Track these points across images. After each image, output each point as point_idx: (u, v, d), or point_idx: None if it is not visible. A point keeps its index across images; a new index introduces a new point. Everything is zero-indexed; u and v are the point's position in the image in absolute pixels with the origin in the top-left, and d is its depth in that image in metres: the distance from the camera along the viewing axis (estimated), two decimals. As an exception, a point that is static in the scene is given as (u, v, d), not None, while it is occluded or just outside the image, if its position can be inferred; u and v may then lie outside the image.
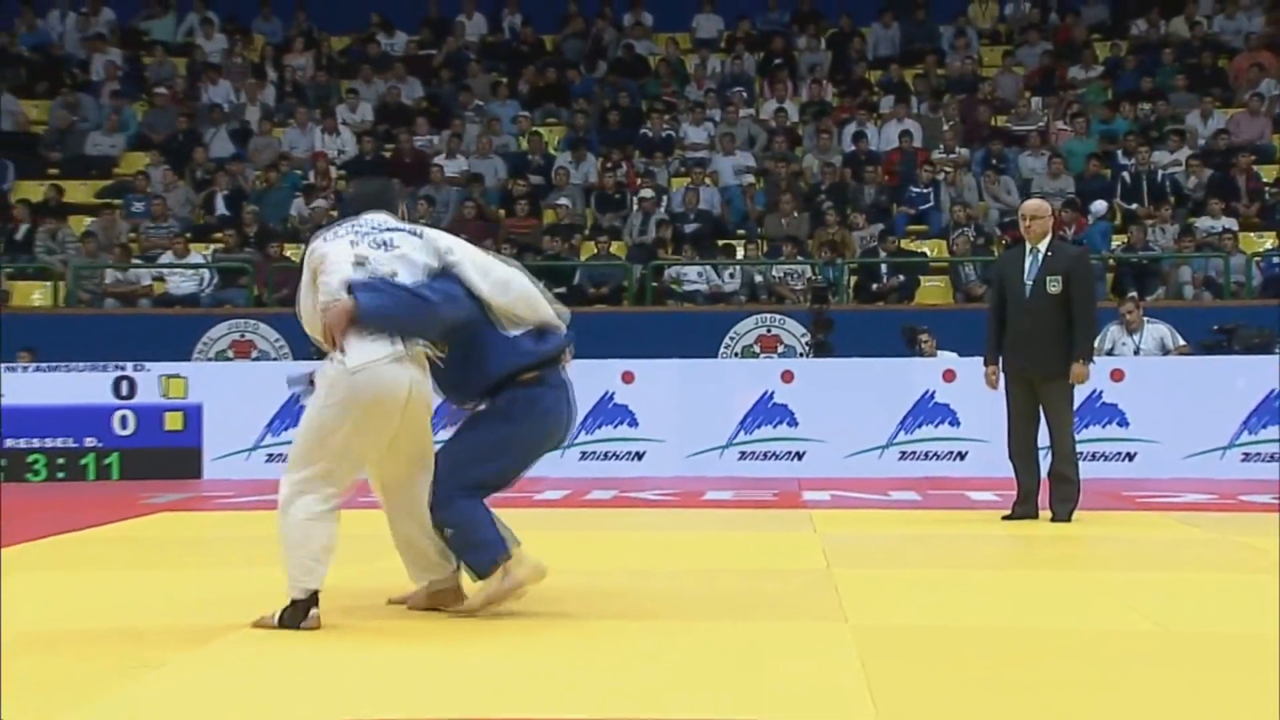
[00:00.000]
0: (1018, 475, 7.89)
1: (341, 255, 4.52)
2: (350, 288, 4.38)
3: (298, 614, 4.43)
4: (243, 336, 13.27)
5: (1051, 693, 3.59)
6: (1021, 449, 7.85)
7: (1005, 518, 7.88)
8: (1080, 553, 6.94)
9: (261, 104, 17.04)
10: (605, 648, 4.19)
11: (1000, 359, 7.85)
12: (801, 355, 12.74)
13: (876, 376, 11.54)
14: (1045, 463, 7.94)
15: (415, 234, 4.68)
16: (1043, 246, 7.83)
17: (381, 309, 4.35)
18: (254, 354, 13.17)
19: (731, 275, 14.26)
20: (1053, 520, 7.75)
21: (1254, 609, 5.08)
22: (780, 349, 13.03)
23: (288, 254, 14.76)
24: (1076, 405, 11.20)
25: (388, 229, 4.64)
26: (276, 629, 4.42)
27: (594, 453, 11.44)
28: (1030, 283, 7.76)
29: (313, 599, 4.46)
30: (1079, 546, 7.18)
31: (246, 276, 14.13)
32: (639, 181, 15.43)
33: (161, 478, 11.18)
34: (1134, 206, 14.79)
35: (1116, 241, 14.53)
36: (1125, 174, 15.08)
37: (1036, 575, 6.10)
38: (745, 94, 16.96)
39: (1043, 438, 7.94)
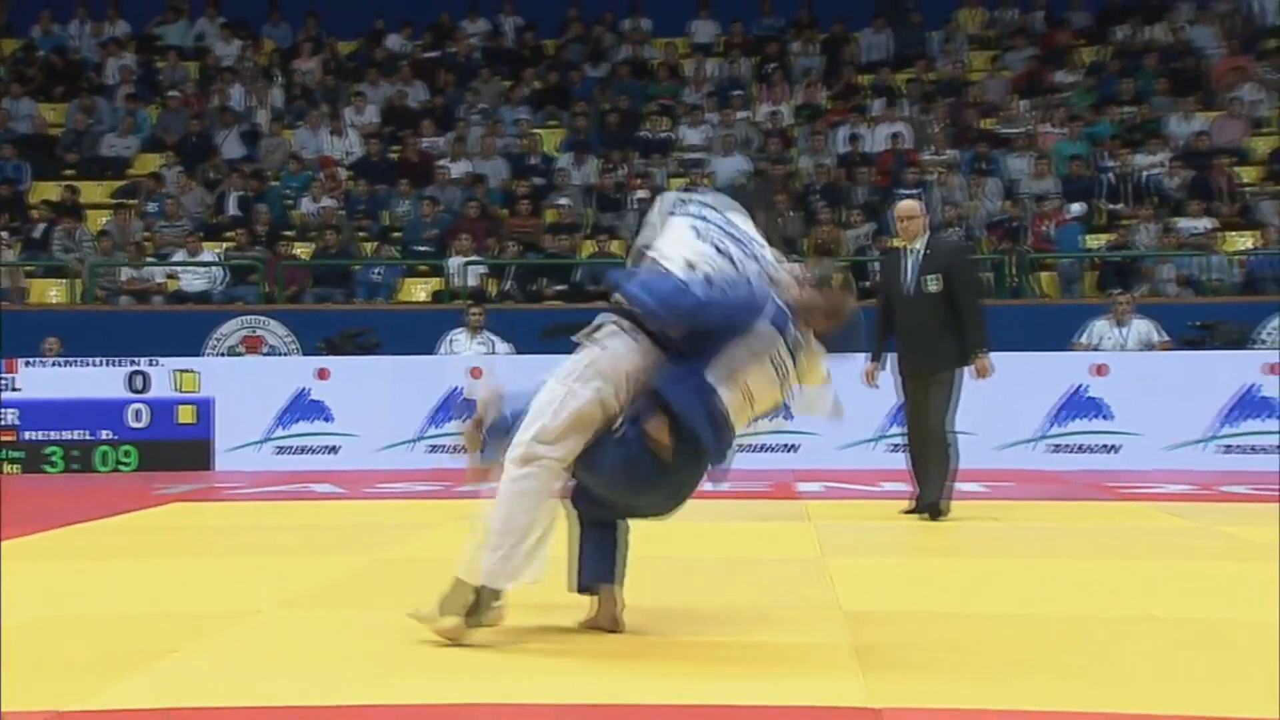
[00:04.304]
0: (916, 471, 7.64)
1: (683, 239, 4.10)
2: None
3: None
4: (253, 332, 13.25)
5: (1040, 675, 3.58)
6: (920, 445, 7.62)
7: (905, 511, 7.60)
8: (1066, 542, 6.93)
9: (271, 107, 17.02)
10: (599, 634, 4.17)
11: (893, 360, 7.68)
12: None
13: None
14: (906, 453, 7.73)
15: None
16: (919, 246, 7.63)
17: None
18: (264, 349, 13.15)
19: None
20: (916, 510, 7.45)
21: (1236, 595, 5.08)
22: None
23: (296, 251, 14.77)
24: (1062, 399, 11.34)
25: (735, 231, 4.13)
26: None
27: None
28: (910, 282, 7.59)
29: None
30: (1065, 536, 7.17)
31: (257, 274, 14.12)
32: (637, 182, 15.42)
33: (174, 469, 11.17)
34: (1118, 206, 14.79)
35: (1102, 240, 14.53)
36: (1109, 175, 15.07)
37: (1024, 563, 6.09)
38: (741, 97, 16.95)
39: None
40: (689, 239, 4.10)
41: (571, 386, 4.01)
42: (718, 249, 4.06)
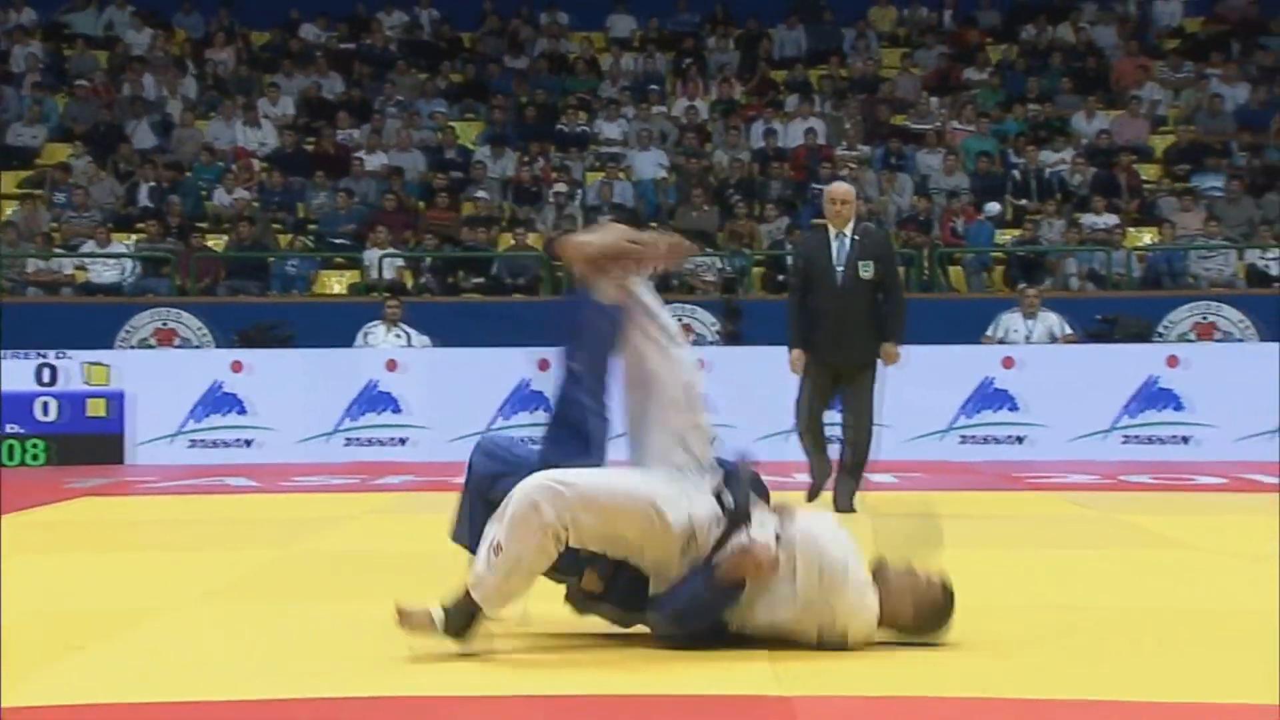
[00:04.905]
0: (812, 459, 7.51)
1: None
2: None
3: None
4: (165, 325, 13.04)
5: (940, 663, 3.65)
6: (816, 430, 7.46)
7: (808, 500, 7.42)
8: (972, 531, 7.05)
9: (183, 97, 16.75)
10: (510, 630, 4.17)
11: (805, 344, 7.39)
12: (712, 344, 12.80)
13: (784, 364, 11.59)
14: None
15: None
16: (849, 231, 7.37)
17: None
18: (176, 342, 12.95)
19: (644, 266, 14.29)
20: (836, 510, 7.19)
21: (1133, 583, 5.22)
22: (692, 338, 13.08)
23: (210, 243, 14.56)
24: (972, 391, 11.55)
25: None
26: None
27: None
28: (841, 269, 7.31)
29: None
30: (971, 525, 7.29)
31: (169, 266, 13.90)
32: (554, 176, 15.41)
33: (84, 463, 10.96)
34: (1024, 202, 15.06)
35: (1009, 235, 14.80)
36: (1016, 171, 15.35)
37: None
38: (658, 91, 17.00)
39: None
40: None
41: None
42: None
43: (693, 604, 3.63)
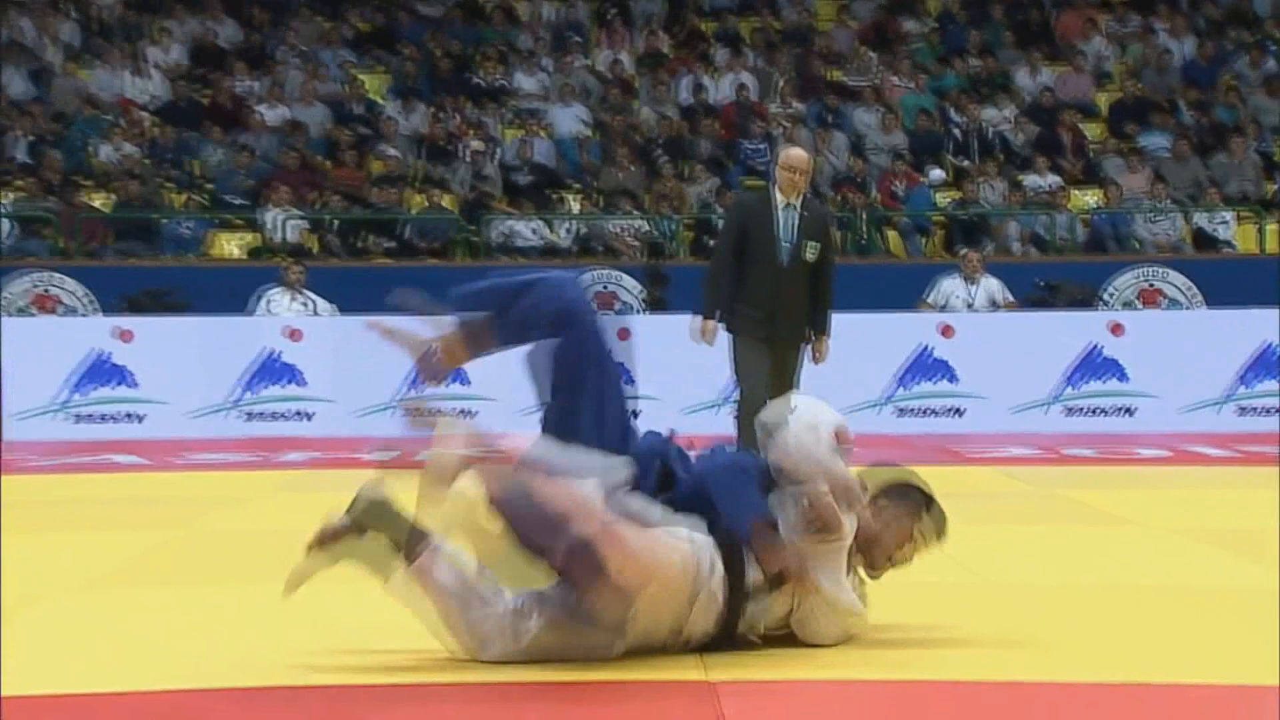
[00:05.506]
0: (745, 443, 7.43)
1: None
2: None
3: None
4: (45, 289, 12.81)
5: (866, 645, 3.74)
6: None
7: None
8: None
9: (62, 42, 16.41)
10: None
11: (730, 318, 7.23)
12: (637, 311, 12.85)
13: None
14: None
15: None
16: (798, 203, 7.19)
17: None
18: (55, 307, 12.74)
19: (565, 228, 14.29)
20: None
21: (1068, 560, 5.36)
22: (617, 306, 13.12)
23: (94, 202, 14.31)
24: (908, 361, 11.71)
25: None
26: None
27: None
28: (788, 245, 7.15)
29: None
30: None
31: (48, 225, 13.66)
32: (469, 132, 15.33)
33: (-45, 440, 10.77)
34: (964, 162, 15.24)
35: (949, 197, 14.97)
36: (955, 129, 15.51)
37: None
38: (580, 42, 16.93)
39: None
40: None
41: None
42: None
43: None
